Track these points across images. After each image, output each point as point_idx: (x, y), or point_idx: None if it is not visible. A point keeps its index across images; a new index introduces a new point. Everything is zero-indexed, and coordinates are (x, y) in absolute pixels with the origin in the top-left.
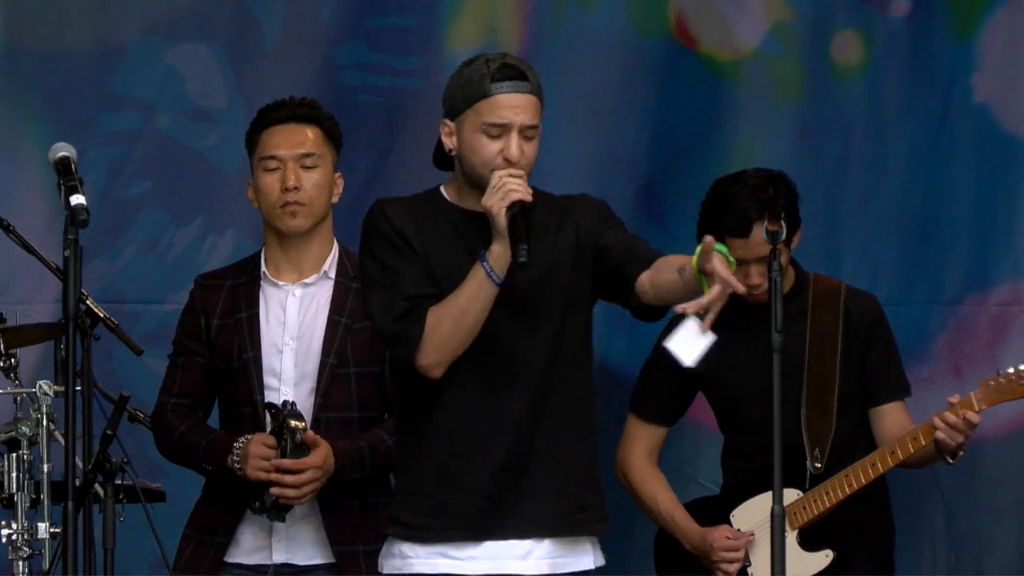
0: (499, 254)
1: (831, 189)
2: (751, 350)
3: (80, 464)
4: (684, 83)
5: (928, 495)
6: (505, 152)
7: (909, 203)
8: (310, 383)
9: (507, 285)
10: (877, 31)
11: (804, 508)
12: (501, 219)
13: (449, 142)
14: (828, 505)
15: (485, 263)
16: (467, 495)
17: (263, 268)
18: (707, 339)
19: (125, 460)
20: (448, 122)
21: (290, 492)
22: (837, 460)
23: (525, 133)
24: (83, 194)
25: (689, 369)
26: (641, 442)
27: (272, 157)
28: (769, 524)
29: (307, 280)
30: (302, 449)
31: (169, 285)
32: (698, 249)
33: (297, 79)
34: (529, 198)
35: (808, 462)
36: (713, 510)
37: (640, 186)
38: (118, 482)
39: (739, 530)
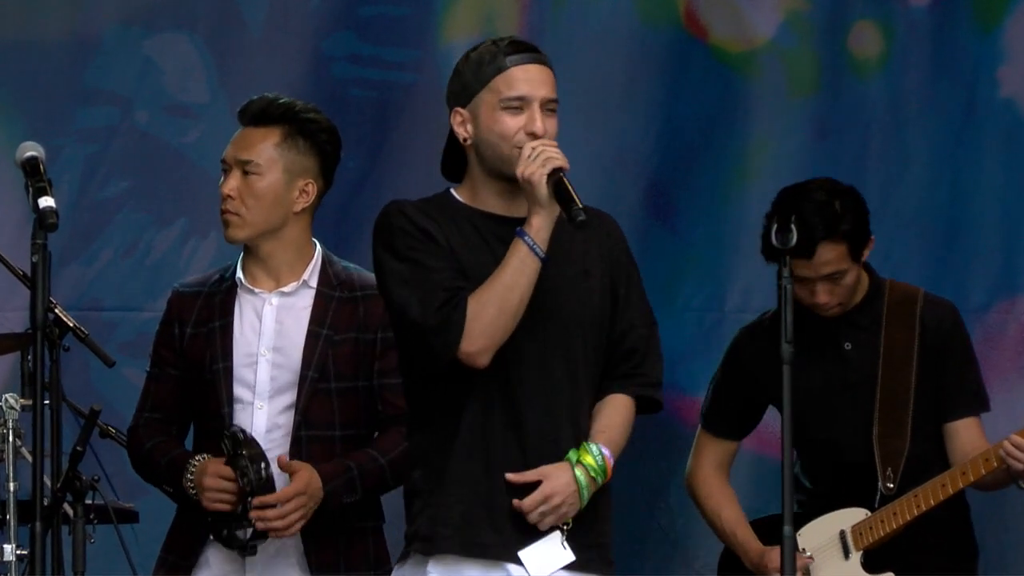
0: (539, 226)
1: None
2: (819, 365)
3: (48, 482)
4: (694, 77)
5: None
6: (529, 126)
7: (932, 204)
8: (287, 398)
9: (548, 259)
10: (897, 22)
11: (870, 528)
12: (542, 187)
13: (463, 131)
14: (895, 526)
15: (527, 237)
16: (485, 510)
17: (239, 275)
18: (564, 559)
19: (96, 478)
20: (461, 110)
21: (277, 524)
22: (911, 480)
23: (546, 107)
24: (52, 196)
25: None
26: (710, 456)
27: (224, 160)
28: (831, 544)
29: (285, 289)
30: (268, 485)
31: (148, 292)
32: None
33: (283, 72)
34: (568, 166)
35: (880, 482)
36: (777, 529)
37: (647, 186)
38: (89, 502)
39: (803, 550)
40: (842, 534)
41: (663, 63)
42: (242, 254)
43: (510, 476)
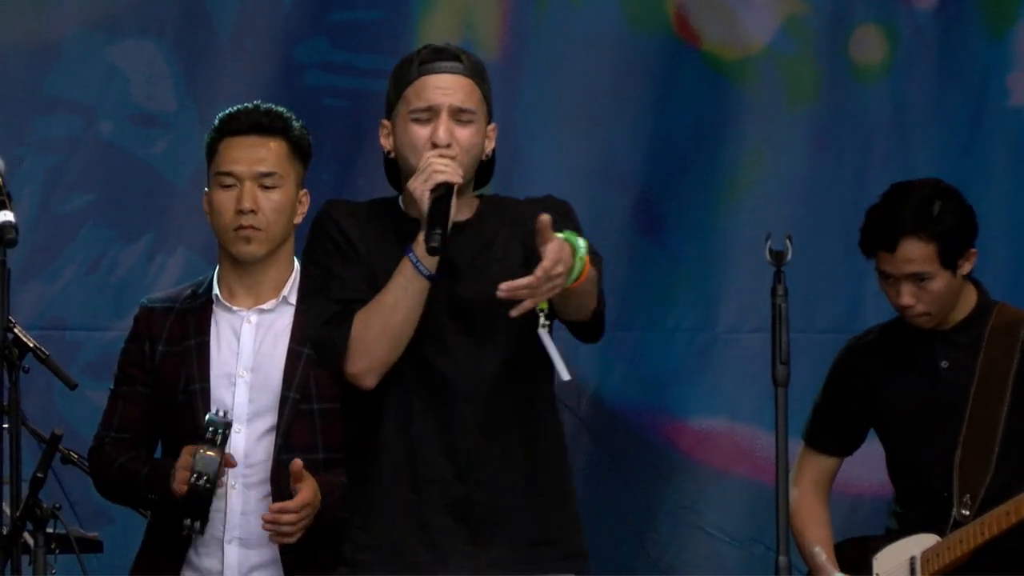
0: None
1: (851, 201)
2: (912, 382)
3: (8, 510)
4: (685, 85)
5: None
6: (432, 136)
7: None
8: (267, 420)
9: (437, 279)
10: (902, 26)
11: (938, 555)
12: (424, 203)
13: (387, 143)
14: (960, 553)
15: (411, 254)
16: (416, 527)
17: (216, 291)
18: (547, 341)
19: (58, 506)
20: (385, 122)
21: (287, 529)
22: (992, 508)
23: (458, 117)
24: (12, 210)
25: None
26: (807, 472)
27: (228, 173)
28: (901, 570)
29: (264, 306)
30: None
31: (113, 310)
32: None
33: (254, 79)
34: (458, 179)
35: (955, 508)
36: (859, 552)
37: (636, 199)
38: (50, 530)
39: (878, 575)
40: (912, 560)
41: (652, 71)
42: (218, 268)
43: (505, 286)
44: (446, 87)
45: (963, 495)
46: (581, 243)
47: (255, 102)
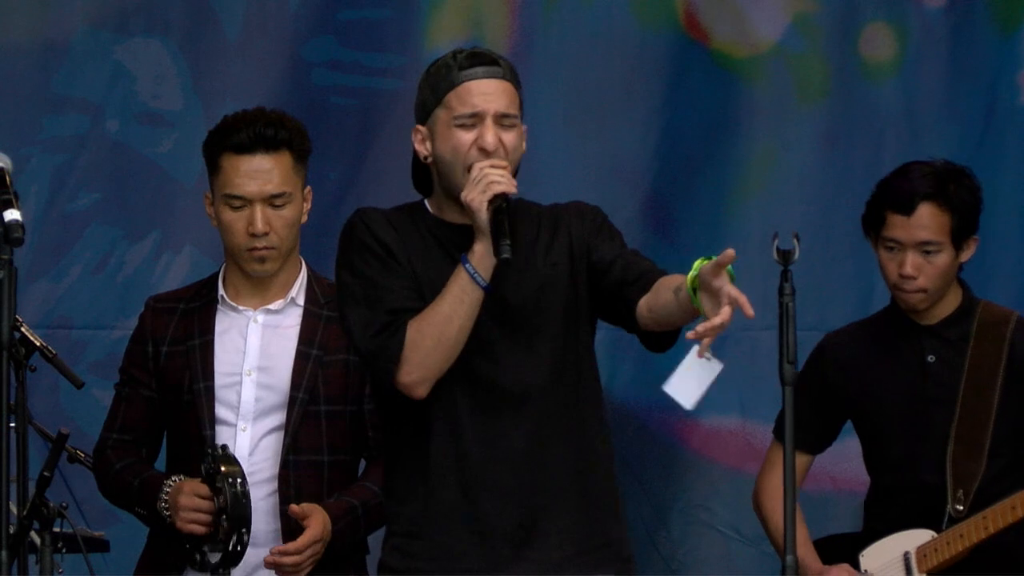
0: (482, 254)
1: (861, 200)
2: (900, 377)
3: (14, 509)
4: (694, 83)
5: None
6: (480, 141)
7: None
8: (273, 420)
9: (492, 289)
10: (912, 24)
11: (936, 551)
12: (483, 214)
13: (423, 148)
14: (960, 549)
15: (468, 265)
16: (470, 535)
17: (221, 291)
18: (711, 372)
19: (64, 505)
20: (420, 127)
21: (289, 570)
22: (984, 504)
23: (501, 122)
24: (18, 209)
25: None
26: (779, 470)
27: (238, 196)
28: (894, 566)
29: (271, 306)
30: (242, 503)
31: (119, 309)
32: (695, 265)
33: (261, 78)
34: (514, 190)
35: (949, 504)
36: (847, 548)
37: (645, 198)
38: (57, 529)
39: (866, 571)
40: (906, 556)
41: (662, 68)
42: (223, 268)
43: (700, 328)
44: (489, 92)
45: (956, 490)
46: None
47: (256, 108)
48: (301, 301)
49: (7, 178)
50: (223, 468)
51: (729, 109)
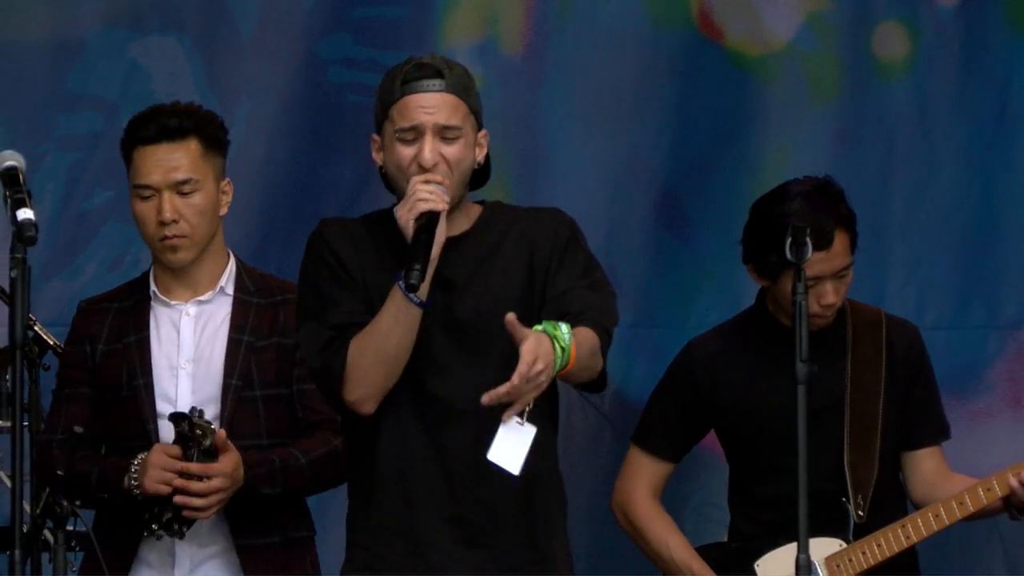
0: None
1: (874, 199)
2: (780, 385)
3: (28, 508)
4: (708, 81)
5: (986, 549)
6: (418, 157)
7: (961, 215)
8: (212, 409)
9: (430, 306)
10: (924, 22)
11: (851, 560)
12: (408, 232)
13: (378, 158)
14: (880, 558)
15: (401, 283)
16: (410, 546)
17: (153, 287)
18: (527, 436)
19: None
20: (375, 137)
21: (196, 502)
22: (878, 507)
23: (443, 135)
24: (32, 207)
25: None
26: (645, 478)
27: (145, 186)
28: None
29: (202, 298)
30: (211, 454)
31: None
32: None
33: (276, 76)
34: (443, 206)
35: (851, 511)
36: (728, 558)
37: (659, 197)
38: (70, 528)
39: None
40: (812, 566)
41: (675, 67)
42: (152, 265)
43: (486, 397)
44: (429, 106)
45: (856, 496)
46: (564, 330)
47: (161, 103)
48: (230, 290)
49: (21, 176)
50: (198, 425)
51: (743, 107)
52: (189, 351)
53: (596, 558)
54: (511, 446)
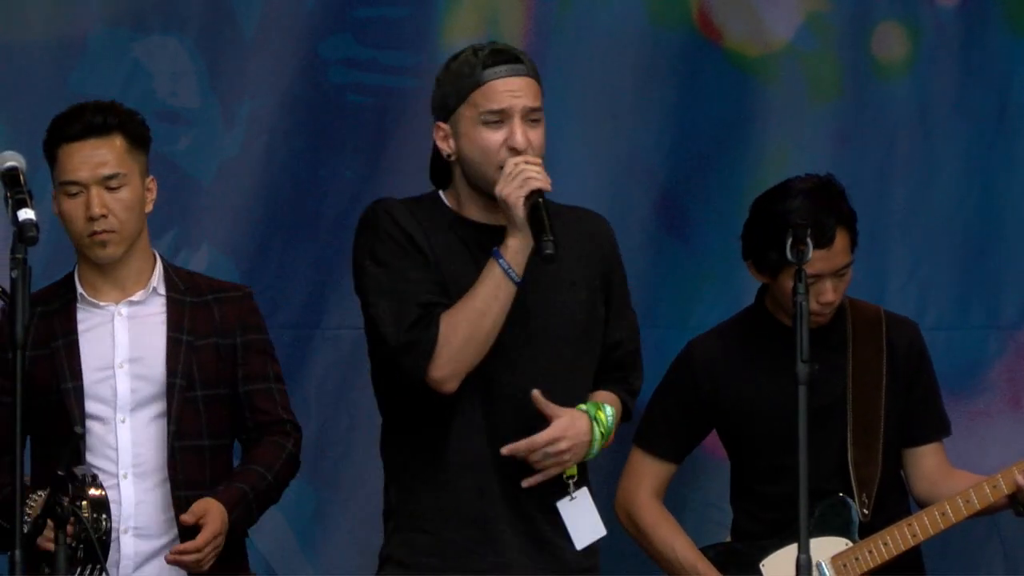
0: (516, 249)
1: (874, 199)
2: (780, 384)
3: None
4: (707, 81)
5: (986, 549)
6: (510, 140)
7: (961, 215)
8: (153, 409)
9: (523, 285)
10: (924, 23)
11: (857, 559)
12: (519, 209)
13: (446, 146)
14: (887, 557)
15: (501, 260)
16: (482, 535)
17: (79, 289)
18: (585, 501)
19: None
20: (442, 125)
21: (192, 568)
22: (881, 506)
23: (529, 117)
24: (33, 208)
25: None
26: (648, 479)
27: (73, 182)
28: None
29: (134, 298)
30: (102, 542)
31: None
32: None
33: (278, 76)
34: (549, 187)
35: (855, 509)
36: (733, 558)
37: (659, 197)
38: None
39: None
40: (818, 566)
41: (675, 67)
42: (77, 267)
43: (506, 449)
44: (516, 90)
45: (860, 495)
46: (608, 413)
47: (83, 102)
48: (162, 290)
49: (22, 177)
50: (90, 493)
51: (742, 108)
52: (125, 352)
53: (599, 559)
54: (581, 519)
